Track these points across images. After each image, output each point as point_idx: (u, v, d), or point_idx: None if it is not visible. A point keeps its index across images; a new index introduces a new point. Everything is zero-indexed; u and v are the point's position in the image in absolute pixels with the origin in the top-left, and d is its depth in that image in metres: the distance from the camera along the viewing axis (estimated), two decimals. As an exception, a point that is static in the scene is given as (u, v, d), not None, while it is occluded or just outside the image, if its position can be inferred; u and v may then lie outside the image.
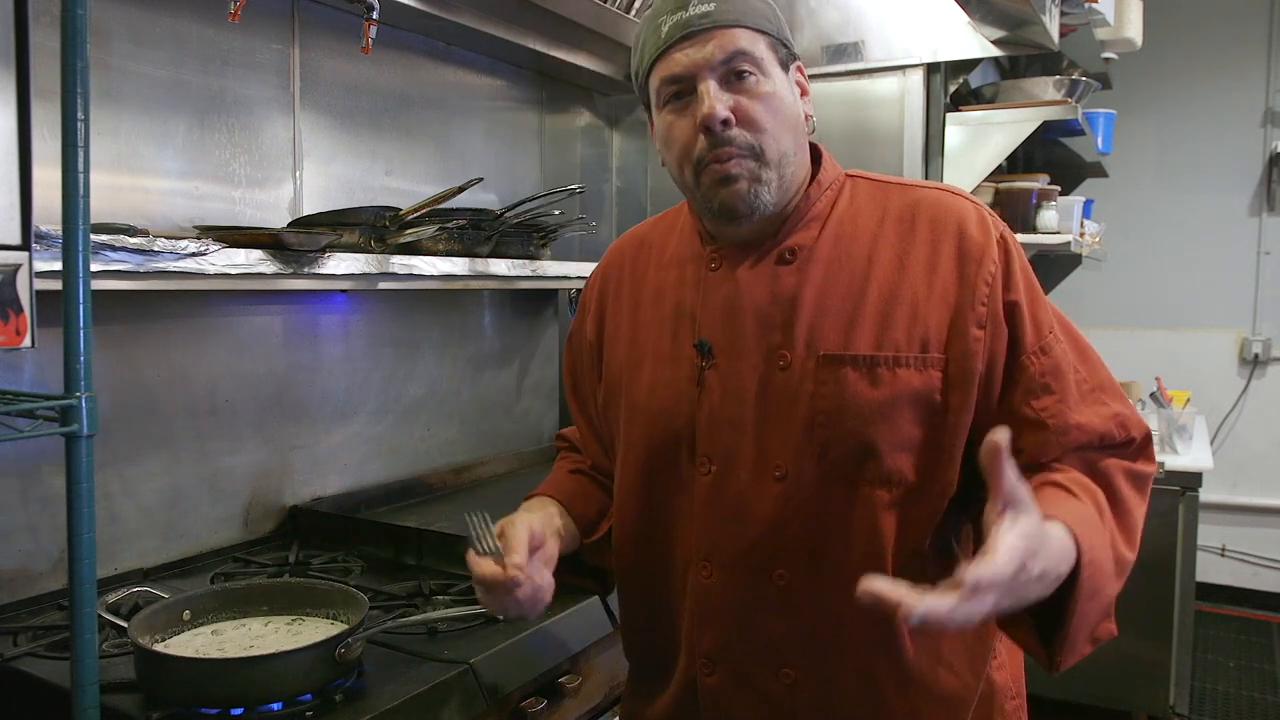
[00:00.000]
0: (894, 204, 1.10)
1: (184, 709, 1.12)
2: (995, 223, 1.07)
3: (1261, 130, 4.40)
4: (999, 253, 1.05)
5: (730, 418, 1.08)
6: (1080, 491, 1.00)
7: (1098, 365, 1.09)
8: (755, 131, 1.04)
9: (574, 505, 1.24)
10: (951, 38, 2.71)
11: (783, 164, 1.06)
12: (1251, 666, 3.84)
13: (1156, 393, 3.36)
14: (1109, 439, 1.04)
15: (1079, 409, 1.04)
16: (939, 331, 1.03)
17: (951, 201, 1.08)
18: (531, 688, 1.35)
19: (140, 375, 1.65)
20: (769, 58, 1.06)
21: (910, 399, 1.02)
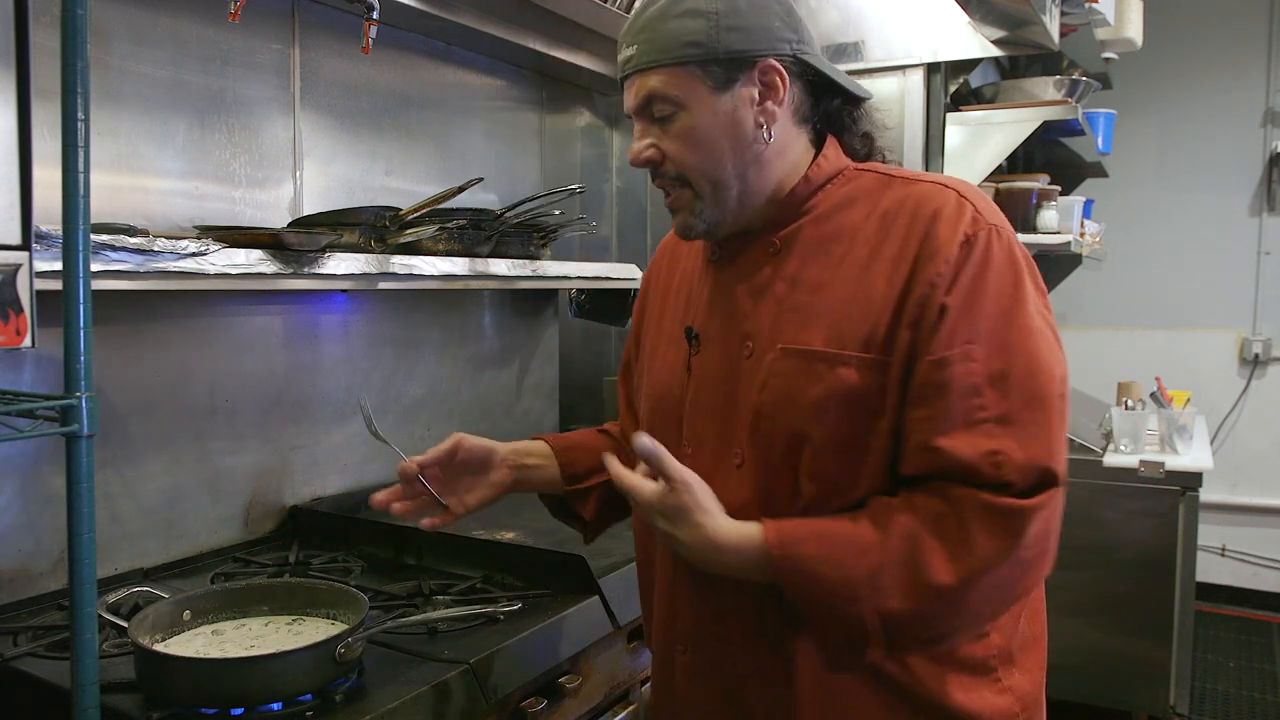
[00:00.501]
0: (887, 199, 1.07)
1: (184, 709, 1.12)
2: (976, 220, 1.01)
3: (1261, 130, 4.40)
4: (958, 253, 1.00)
5: (705, 404, 1.13)
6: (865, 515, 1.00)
7: (1014, 397, 0.97)
8: (680, 168, 1.08)
9: (566, 454, 1.34)
10: (951, 38, 2.71)
11: (719, 189, 1.08)
12: (1251, 666, 3.84)
13: (1156, 393, 3.36)
14: (977, 474, 0.96)
15: (951, 433, 0.97)
16: (882, 331, 1.01)
17: (936, 196, 1.05)
18: (531, 688, 1.35)
19: (140, 375, 1.65)
20: (691, 88, 1.05)
21: (846, 398, 1.02)
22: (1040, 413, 0.98)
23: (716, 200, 1.09)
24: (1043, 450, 0.97)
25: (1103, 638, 2.93)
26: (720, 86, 1.05)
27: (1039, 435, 0.97)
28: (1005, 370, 0.98)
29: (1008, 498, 0.95)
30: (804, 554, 0.99)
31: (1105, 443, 3.06)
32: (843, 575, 0.97)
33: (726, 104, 1.06)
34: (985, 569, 0.95)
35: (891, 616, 0.97)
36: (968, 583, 0.95)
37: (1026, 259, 1.04)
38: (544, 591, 1.52)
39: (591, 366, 2.89)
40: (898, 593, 0.96)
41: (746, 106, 1.06)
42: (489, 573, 1.60)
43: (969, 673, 1.05)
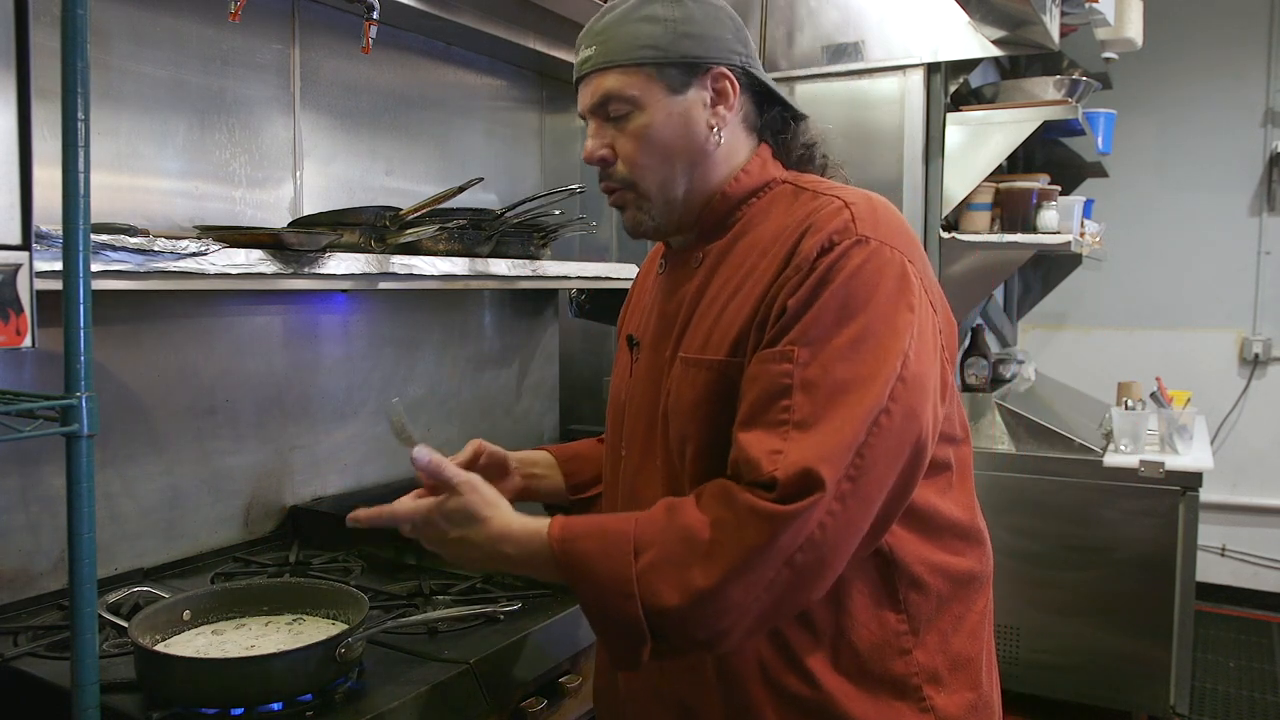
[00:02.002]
0: (792, 213, 1.08)
1: (184, 709, 1.12)
2: (846, 230, 1.00)
3: (1261, 130, 4.40)
4: (814, 258, 0.99)
5: (637, 408, 1.18)
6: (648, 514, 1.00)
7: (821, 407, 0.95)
8: (629, 168, 1.12)
9: (569, 464, 1.38)
10: (952, 38, 2.71)
11: (665, 189, 1.12)
12: (1251, 666, 3.84)
13: (1156, 393, 3.36)
14: (754, 470, 0.94)
15: (750, 427, 0.97)
16: (743, 335, 1.03)
17: (824, 208, 1.04)
18: (531, 688, 1.35)
19: (140, 375, 1.65)
20: (646, 88, 1.09)
21: (711, 401, 1.05)
22: (837, 421, 0.94)
23: (662, 199, 1.12)
24: (815, 454, 0.93)
25: (1103, 638, 2.93)
26: (675, 88, 1.09)
27: (820, 441, 0.94)
28: (820, 378, 0.96)
29: (767, 500, 0.93)
30: (582, 550, 1.00)
31: (1105, 443, 3.06)
32: (616, 571, 0.97)
33: (680, 105, 1.09)
34: (741, 570, 0.93)
35: (660, 615, 0.95)
36: (726, 582, 0.93)
37: (902, 275, 1.00)
38: (544, 591, 1.52)
39: (591, 366, 2.89)
40: (665, 591, 0.95)
41: (699, 109, 1.10)
42: (489, 573, 1.60)
43: (886, 691, 1.04)
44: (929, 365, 1.00)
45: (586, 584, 0.99)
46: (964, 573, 1.11)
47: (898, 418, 0.96)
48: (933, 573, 1.07)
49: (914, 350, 0.98)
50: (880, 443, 0.95)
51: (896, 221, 1.05)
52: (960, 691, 1.08)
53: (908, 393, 0.97)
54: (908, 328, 0.98)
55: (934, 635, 1.07)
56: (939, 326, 1.05)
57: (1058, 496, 2.95)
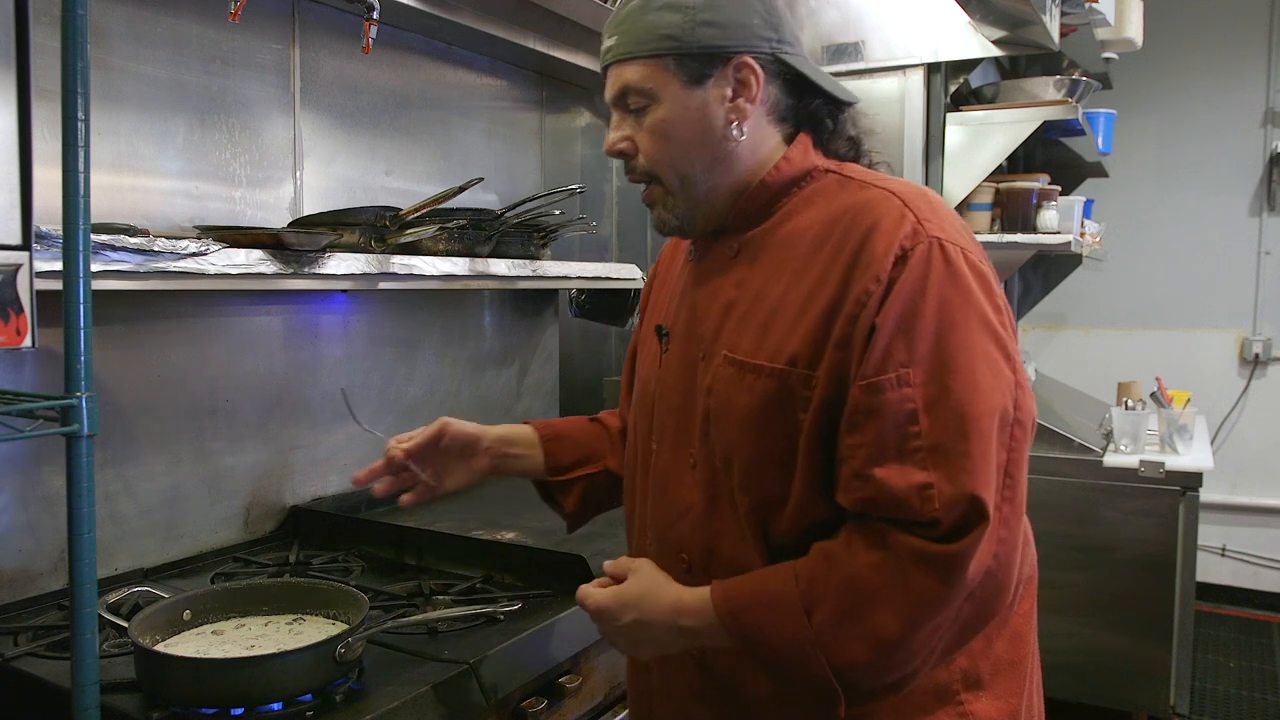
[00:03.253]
0: (836, 205, 1.04)
1: (184, 709, 1.12)
2: (916, 233, 0.96)
3: (1261, 130, 4.40)
4: (891, 268, 0.95)
5: (669, 402, 1.15)
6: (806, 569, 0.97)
7: (950, 425, 0.92)
8: (650, 162, 1.09)
9: (552, 443, 1.36)
10: (952, 38, 2.71)
11: (687, 184, 1.09)
12: (1251, 666, 3.84)
13: (1156, 393, 3.36)
14: (906, 509, 0.92)
15: (884, 463, 0.93)
16: (811, 347, 0.98)
17: (879, 204, 1.01)
18: (531, 688, 1.35)
19: (140, 375, 1.65)
20: (664, 82, 1.05)
21: (770, 412, 1.01)
22: (974, 443, 0.92)
23: (686, 195, 1.09)
24: (970, 481, 0.91)
25: (1103, 638, 2.93)
26: (693, 81, 1.05)
27: (968, 467, 0.91)
28: (941, 396, 0.93)
29: (937, 544, 0.91)
30: (752, 621, 0.98)
31: (1105, 443, 3.06)
32: (792, 637, 0.95)
33: (698, 98, 1.05)
34: (929, 613, 0.92)
35: (847, 672, 0.94)
36: (915, 627, 0.92)
37: (979, 274, 0.98)
38: (544, 591, 1.52)
39: (591, 366, 2.89)
40: (849, 647, 0.93)
41: (718, 102, 1.06)
42: (489, 573, 1.60)
43: (927, 696, 1.02)
44: (1021, 363, 0.99)
45: (765, 652, 0.98)
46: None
47: (1026, 425, 0.96)
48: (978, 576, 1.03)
49: (1013, 351, 0.97)
50: (1019, 455, 0.95)
51: (949, 211, 1.03)
52: (1001, 698, 1.06)
53: (1025, 397, 0.97)
54: (1004, 328, 0.97)
55: (979, 640, 1.03)
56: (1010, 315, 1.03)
57: (1058, 496, 2.95)
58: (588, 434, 1.40)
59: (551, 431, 1.38)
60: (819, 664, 0.94)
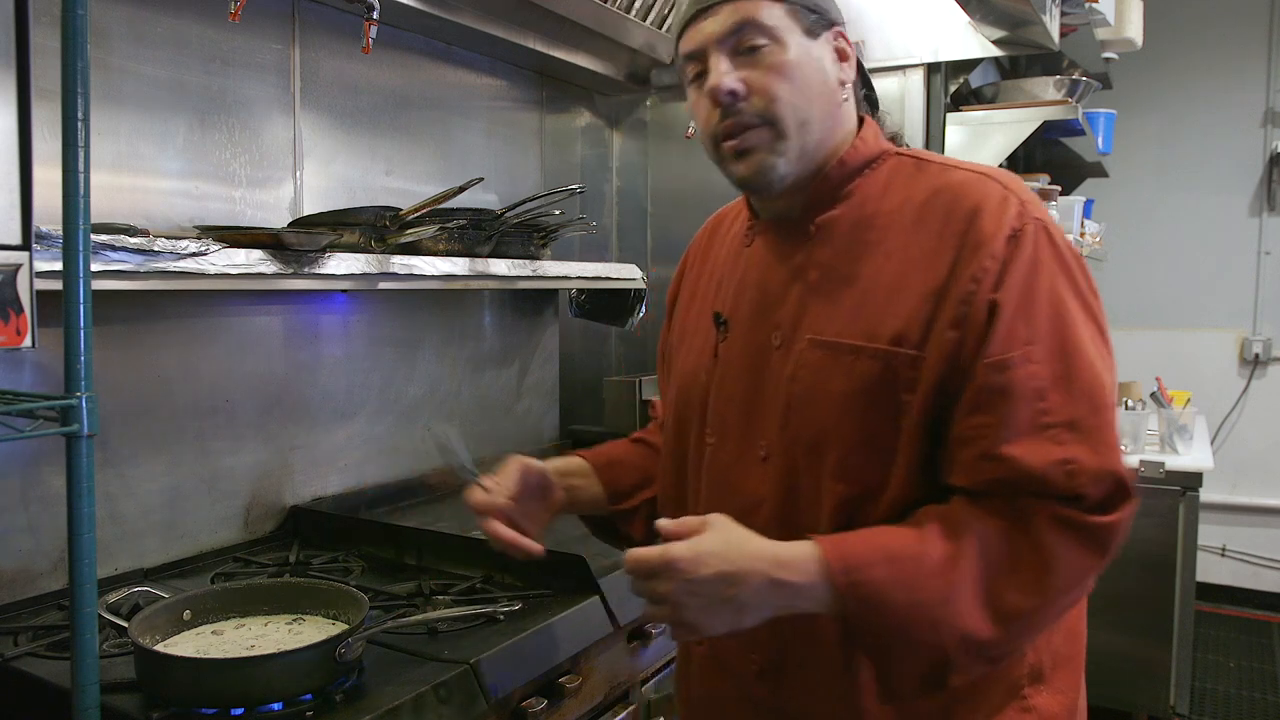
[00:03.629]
0: (923, 187, 1.03)
1: (184, 709, 1.12)
2: (1022, 214, 0.97)
3: (1261, 130, 4.40)
4: (1005, 247, 0.95)
5: (730, 392, 1.10)
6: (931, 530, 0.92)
7: (1080, 400, 0.93)
8: (768, 101, 1.02)
9: (607, 471, 1.29)
10: (952, 38, 2.71)
11: (804, 131, 1.03)
12: (1251, 666, 3.84)
13: (1157, 393, 3.36)
14: (1045, 485, 0.91)
15: (1019, 441, 0.92)
16: (917, 327, 0.96)
17: (977, 186, 1.00)
18: (531, 688, 1.35)
19: (140, 375, 1.65)
20: (787, 25, 1.02)
21: (873, 394, 0.97)
22: (1104, 416, 0.93)
23: (800, 141, 1.03)
24: (1113, 457, 0.92)
25: (1103, 638, 2.90)
26: (811, 33, 1.03)
27: (1106, 440, 0.93)
28: (1068, 372, 0.93)
29: (1087, 514, 0.90)
30: (873, 579, 0.90)
31: (1105, 443, 3.06)
32: (916, 600, 0.90)
33: (817, 50, 1.04)
34: (1067, 589, 0.92)
35: (970, 642, 0.90)
36: (1047, 603, 0.92)
37: (1075, 254, 0.99)
38: (544, 591, 1.52)
39: (591, 367, 2.89)
40: (975, 617, 0.89)
41: (830, 61, 1.05)
42: (489, 573, 1.60)
43: (997, 690, 1.00)
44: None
45: (882, 616, 0.91)
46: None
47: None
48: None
49: (1107, 330, 0.99)
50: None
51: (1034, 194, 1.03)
52: (1061, 693, 1.05)
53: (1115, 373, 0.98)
54: (1099, 306, 0.99)
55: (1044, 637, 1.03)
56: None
57: (1058, 496, 2.94)
58: (638, 455, 1.33)
59: (603, 459, 1.31)
60: (947, 630, 0.89)
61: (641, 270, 2.48)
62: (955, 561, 0.90)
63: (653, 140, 2.88)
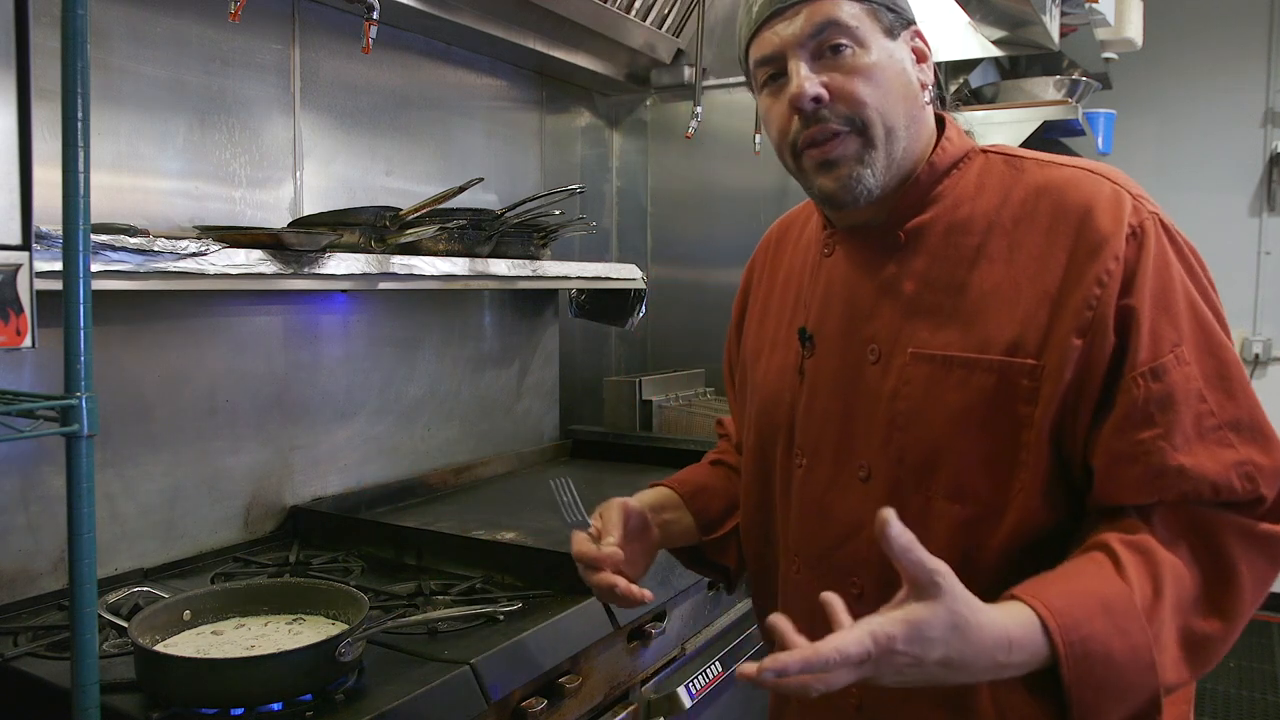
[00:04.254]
0: (1021, 186, 0.97)
1: (184, 709, 1.12)
2: (1137, 209, 0.91)
3: (1261, 130, 4.40)
4: (1127, 247, 0.89)
5: (822, 410, 1.04)
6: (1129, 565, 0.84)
7: (1239, 397, 0.88)
8: (855, 106, 0.96)
9: (696, 500, 1.22)
10: (952, 38, 2.71)
11: (891, 139, 0.97)
12: (1251, 666, 3.84)
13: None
14: (1225, 491, 0.86)
15: (1189, 448, 0.86)
16: (1034, 334, 0.91)
17: (1084, 183, 0.94)
18: (531, 688, 1.35)
19: (141, 375, 1.65)
20: (868, 26, 0.97)
21: (990, 407, 0.92)
22: (1249, 409, 0.88)
23: (888, 150, 0.97)
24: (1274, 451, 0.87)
25: (1103, 638, 2.92)
26: (890, 33, 0.99)
27: (1271, 437, 0.88)
28: (1220, 369, 0.88)
29: (1267, 521, 0.86)
30: (1094, 633, 0.80)
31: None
32: (1133, 645, 0.82)
33: (898, 51, 0.99)
34: (1253, 607, 0.86)
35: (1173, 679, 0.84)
36: (1234, 627, 0.86)
37: (1191, 247, 0.94)
38: (544, 591, 1.52)
39: (591, 366, 2.89)
40: (1175, 654, 0.84)
41: (910, 61, 1.00)
42: (489, 573, 1.60)
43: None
44: None
45: (1104, 673, 0.81)
46: None
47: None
48: None
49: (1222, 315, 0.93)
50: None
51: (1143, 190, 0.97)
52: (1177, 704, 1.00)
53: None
54: (1217, 295, 0.94)
55: None
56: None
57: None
58: (721, 480, 1.27)
59: (690, 487, 1.24)
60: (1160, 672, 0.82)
61: (641, 270, 2.48)
62: (1160, 598, 0.83)
63: (653, 140, 2.88)
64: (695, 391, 2.73)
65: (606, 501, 1.14)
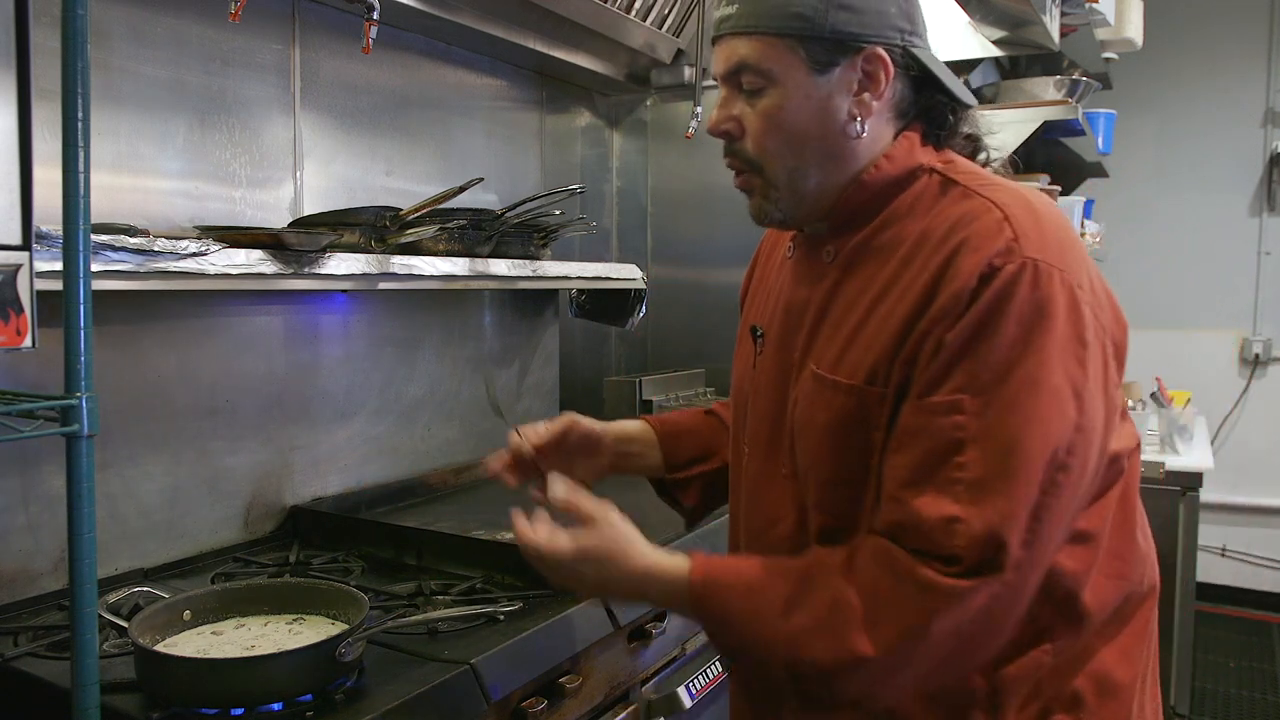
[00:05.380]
0: (940, 214, 0.97)
1: (184, 709, 1.12)
2: (1010, 252, 0.89)
3: (1261, 130, 4.40)
4: (975, 285, 0.88)
5: (761, 408, 1.11)
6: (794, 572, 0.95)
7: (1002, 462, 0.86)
8: (756, 151, 1.00)
9: (668, 440, 1.33)
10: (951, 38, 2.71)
11: (796, 178, 1.01)
12: (1252, 666, 3.84)
13: (1157, 393, 3.36)
14: (929, 542, 0.87)
15: (923, 488, 0.88)
16: (885, 363, 0.94)
17: (977, 214, 0.94)
18: (531, 688, 1.35)
19: (141, 375, 1.65)
20: (787, 64, 0.96)
21: (847, 430, 0.97)
22: (1016, 483, 0.86)
23: (791, 189, 1.01)
24: (1001, 522, 0.85)
25: (1103, 638, 2.92)
26: (819, 68, 0.97)
27: (1001, 507, 0.85)
28: (994, 430, 0.86)
29: (947, 575, 0.86)
30: (726, 604, 0.95)
31: (1105, 443, 3.06)
32: (759, 633, 0.93)
33: (822, 88, 0.97)
34: (909, 641, 0.88)
35: (807, 677, 0.91)
36: (890, 653, 0.88)
37: (1072, 301, 0.89)
38: (544, 591, 1.51)
39: (591, 366, 2.89)
40: (820, 656, 0.90)
41: (843, 94, 0.98)
42: (489, 573, 1.60)
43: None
44: (1099, 403, 0.91)
45: (727, 637, 0.97)
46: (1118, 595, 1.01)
47: (1074, 473, 0.88)
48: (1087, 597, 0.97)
49: (1089, 391, 0.89)
50: (1056, 503, 0.87)
51: (1059, 229, 0.94)
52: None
53: (1084, 442, 0.89)
54: (1082, 366, 0.89)
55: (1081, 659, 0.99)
56: (1109, 336, 0.94)
57: (1058, 496, 2.94)
58: (705, 427, 1.35)
59: (668, 428, 1.34)
60: (779, 663, 0.92)
61: (641, 270, 2.48)
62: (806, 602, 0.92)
63: (653, 140, 2.88)
64: (695, 391, 2.73)
65: (566, 414, 1.28)
